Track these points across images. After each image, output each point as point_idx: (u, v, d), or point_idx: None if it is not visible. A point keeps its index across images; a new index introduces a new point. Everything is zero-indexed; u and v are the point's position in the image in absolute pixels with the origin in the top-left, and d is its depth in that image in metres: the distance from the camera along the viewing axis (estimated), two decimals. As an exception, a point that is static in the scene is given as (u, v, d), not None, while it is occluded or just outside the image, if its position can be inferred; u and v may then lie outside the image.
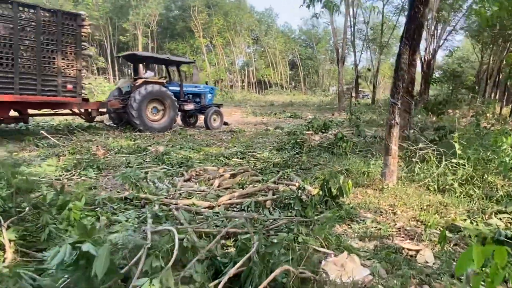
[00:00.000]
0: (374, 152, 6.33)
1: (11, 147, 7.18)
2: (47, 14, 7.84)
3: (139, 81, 10.28)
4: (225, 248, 2.74)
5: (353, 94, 28.35)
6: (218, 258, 2.24)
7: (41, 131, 7.56)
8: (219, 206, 3.77)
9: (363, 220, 3.61)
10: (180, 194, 4.33)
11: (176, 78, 13.68)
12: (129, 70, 45.11)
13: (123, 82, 11.28)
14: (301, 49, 62.09)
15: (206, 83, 13.76)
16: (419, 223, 3.55)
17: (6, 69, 7.37)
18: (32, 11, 7.63)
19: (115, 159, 6.58)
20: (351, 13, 26.71)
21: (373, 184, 4.74)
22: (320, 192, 3.86)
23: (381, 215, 3.82)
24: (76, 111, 9.39)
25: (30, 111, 8.70)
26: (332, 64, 56.40)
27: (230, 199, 3.89)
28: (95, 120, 10.12)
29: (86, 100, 9.53)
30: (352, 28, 29.31)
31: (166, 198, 3.97)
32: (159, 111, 10.60)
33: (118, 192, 4.50)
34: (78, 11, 8.41)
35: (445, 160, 4.83)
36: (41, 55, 7.80)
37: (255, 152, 7.46)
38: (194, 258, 2.05)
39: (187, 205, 3.75)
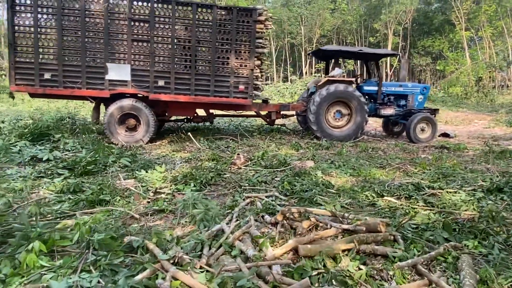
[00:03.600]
0: None
1: (176, 146, 7.41)
2: (223, 13, 7.61)
3: (323, 81, 8.76)
4: None
5: None
6: None
7: (189, 133, 7.44)
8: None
9: None
10: (228, 251, 2.68)
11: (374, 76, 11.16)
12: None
13: (312, 82, 10.05)
14: None
15: (419, 81, 10.54)
16: None
17: (185, 70, 7.64)
18: (209, 11, 7.58)
19: (245, 172, 5.48)
20: None
21: None
22: None
23: None
24: (255, 113, 8.96)
25: (215, 111, 8.93)
26: None
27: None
28: (274, 123, 9.42)
29: (265, 101, 8.96)
30: None
31: (170, 260, 2.42)
32: (343, 116, 8.69)
33: (172, 226, 3.32)
34: (254, 6, 7.80)
35: None
36: (216, 56, 7.67)
37: (445, 188, 4.51)
38: None
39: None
